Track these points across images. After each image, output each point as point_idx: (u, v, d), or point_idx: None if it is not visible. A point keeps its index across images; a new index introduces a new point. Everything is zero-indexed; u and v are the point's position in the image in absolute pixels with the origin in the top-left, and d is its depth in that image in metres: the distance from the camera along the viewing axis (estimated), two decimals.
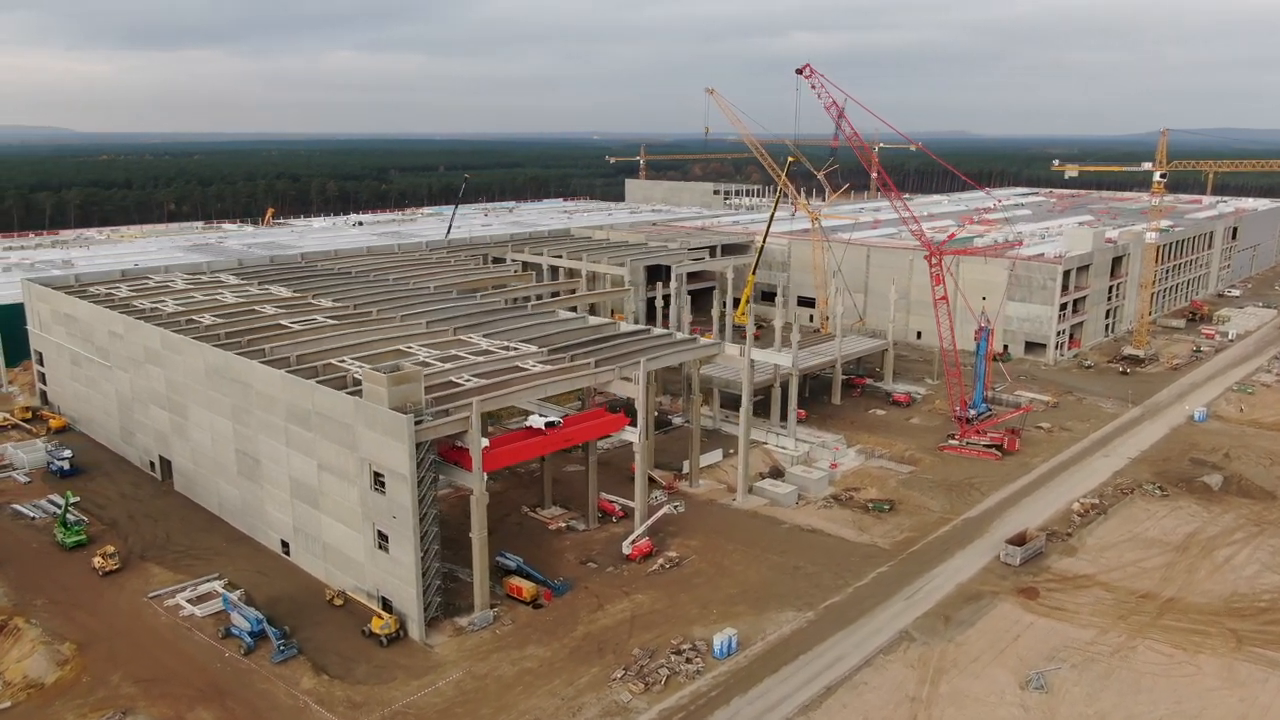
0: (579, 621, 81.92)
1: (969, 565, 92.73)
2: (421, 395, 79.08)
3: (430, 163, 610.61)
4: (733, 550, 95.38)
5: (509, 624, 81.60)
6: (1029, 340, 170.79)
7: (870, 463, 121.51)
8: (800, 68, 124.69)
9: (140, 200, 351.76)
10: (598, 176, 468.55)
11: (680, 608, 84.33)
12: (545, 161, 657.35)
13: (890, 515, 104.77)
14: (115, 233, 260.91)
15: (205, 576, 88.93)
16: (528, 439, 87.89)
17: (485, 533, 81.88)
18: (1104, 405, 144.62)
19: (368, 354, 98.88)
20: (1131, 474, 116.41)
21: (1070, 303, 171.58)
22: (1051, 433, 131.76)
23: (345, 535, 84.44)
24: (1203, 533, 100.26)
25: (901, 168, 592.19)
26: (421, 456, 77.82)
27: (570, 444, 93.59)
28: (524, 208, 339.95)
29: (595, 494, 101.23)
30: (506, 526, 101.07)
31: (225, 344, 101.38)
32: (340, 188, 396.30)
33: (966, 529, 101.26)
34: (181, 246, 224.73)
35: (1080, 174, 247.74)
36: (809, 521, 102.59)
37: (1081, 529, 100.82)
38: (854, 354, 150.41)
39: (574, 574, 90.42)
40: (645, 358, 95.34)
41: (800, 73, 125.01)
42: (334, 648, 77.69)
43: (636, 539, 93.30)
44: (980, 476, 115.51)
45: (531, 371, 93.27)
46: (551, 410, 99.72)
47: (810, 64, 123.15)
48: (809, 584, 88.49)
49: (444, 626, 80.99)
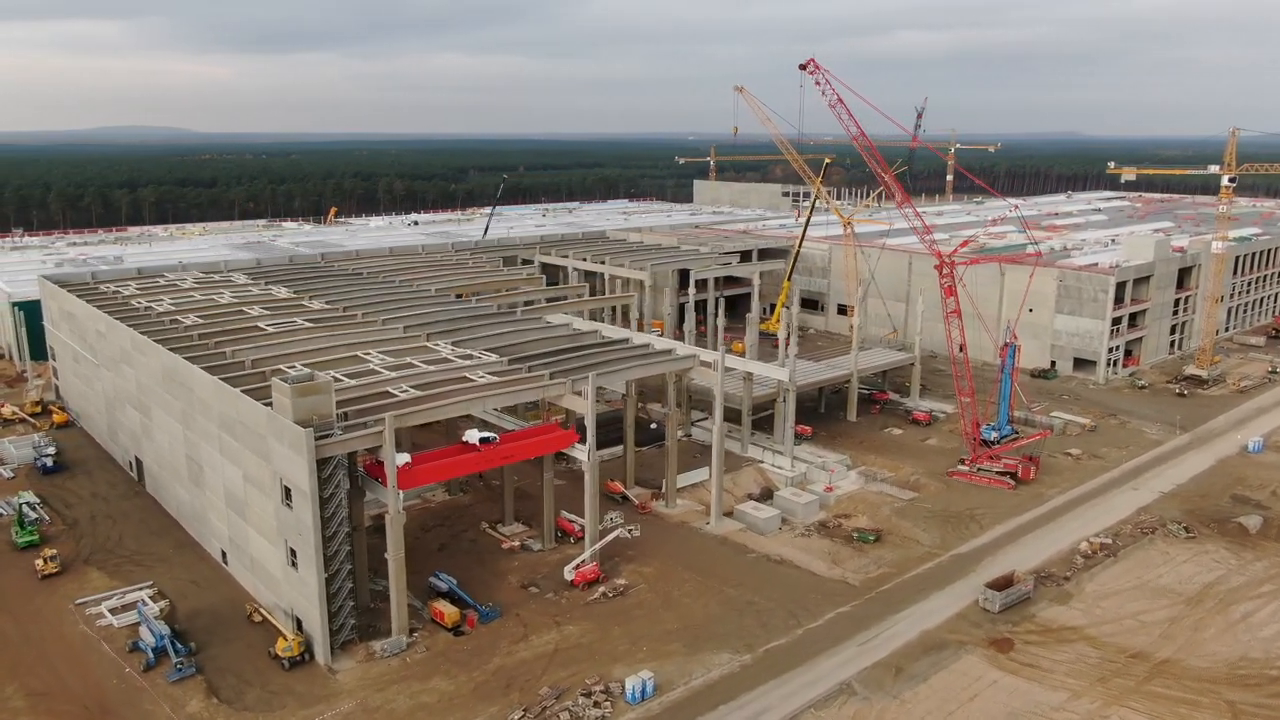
0: (497, 652, 76.81)
1: (942, 609, 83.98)
2: (331, 407, 75.16)
3: (512, 163, 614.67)
4: (687, 580, 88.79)
5: (423, 651, 77.07)
6: (1078, 356, 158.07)
7: (870, 487, 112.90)
8: (803, 63, 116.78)
9: (214, 199, 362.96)
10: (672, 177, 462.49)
11: (610, 642, 78.38)
12: (626, 162, 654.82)
13: (873, 547, 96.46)
14: (180, 230, 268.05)
15: (138, 585, 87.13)
16: (455, 456, 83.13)
17: (402, 553, 77.54)
18: (1148, 430, 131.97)
19: (323, 360, 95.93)
20: (1158, 510, 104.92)
21: (1125, 316, 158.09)
22: (1080, 460, 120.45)
23: (266, 550, 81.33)
24: (1224, 583, 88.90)
25: (992, 169, 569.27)
26: (330, 472, 73.99)
27: (509, 461, 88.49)
28: (585, 208, 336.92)
29: (552, 512, 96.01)
30: (460, 544, 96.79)
31: (194, 345, 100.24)
32: (408, 187, 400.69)
33: (952, 567, 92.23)
34: (233, 244, 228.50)
35: (1137, 177, 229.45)
36: (780, 551, 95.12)
37: (1083, 573, 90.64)
38: (872, 368, 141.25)
39: (512, 599, 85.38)
40: (595, 372, 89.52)
41: (804, 68, 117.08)
42: (236, 668, 74.48)
43: (580, 564, 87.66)
44: (985, 507, 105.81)
45: (477, 383, 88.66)
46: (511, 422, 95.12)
47: (814, 59, 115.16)
48: (757, 622, 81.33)
49: (357, 651, 76.99)
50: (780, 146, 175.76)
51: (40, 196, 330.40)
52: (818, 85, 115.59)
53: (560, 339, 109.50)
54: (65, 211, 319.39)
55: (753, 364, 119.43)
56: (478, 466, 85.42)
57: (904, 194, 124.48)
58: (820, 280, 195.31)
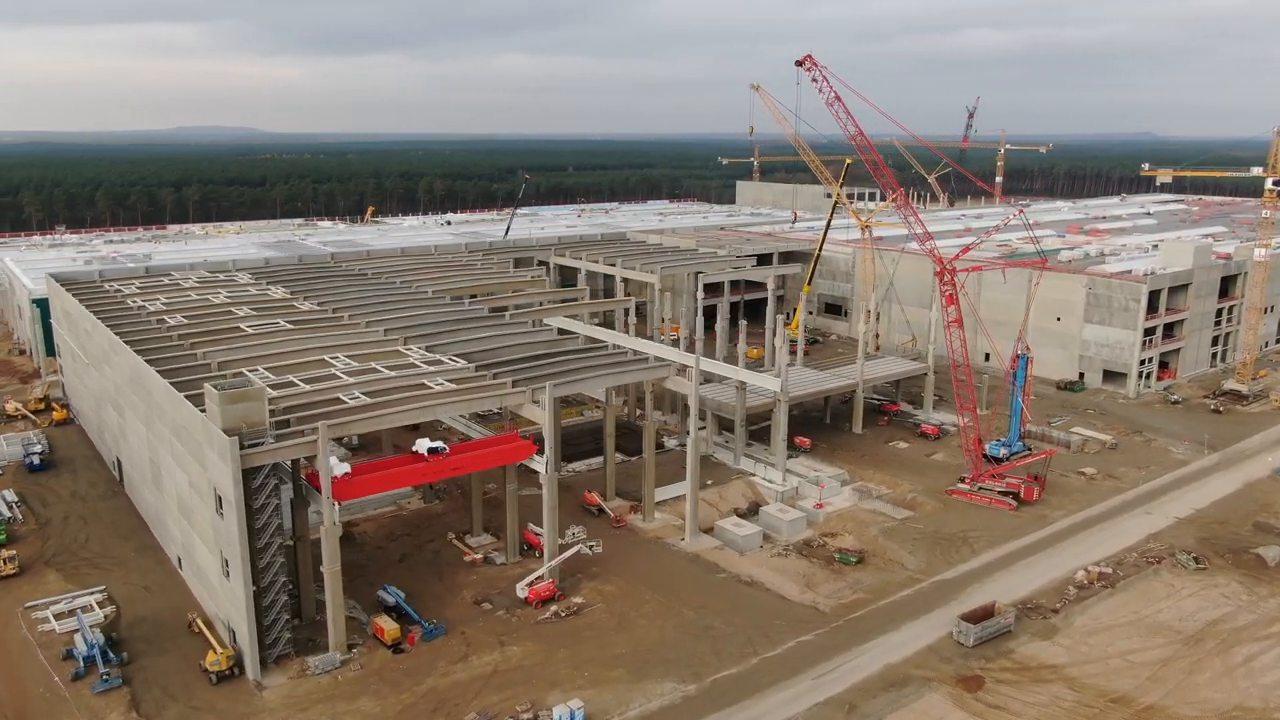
0: (433, 672, 73.68)
1: (913, 641, 78.56)
2: (264, 415, 72.74)
3: (563, 163, 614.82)
4: (648, 600, 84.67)
5: (357, 669, 74.29)
6: (1107, 368, 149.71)
7: (863, 504, 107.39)
8: (800, 59, 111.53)
9: (256, 198, 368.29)
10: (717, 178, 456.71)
11: (552, 666, 74.70)
12: (678, 162, 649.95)
13: (854, 569, 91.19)
14: (216, 229, 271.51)
15: (90, 589, 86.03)
16: (400, 466, 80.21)
17: (338, 566, 74.86)
18: (1174, 449, 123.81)
19: (287, 363, 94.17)
20: (1170, 538, 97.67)
21: (1160, 327, 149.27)
22: (1093, 480, 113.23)
23: (207, 559, 79.43)
24: (1230, 621, 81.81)
25: (1051, 170, 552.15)
26: (261, 481, 71.70)
27: (459, 473, 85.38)
28: (623, 209, 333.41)
29: (516, 525, 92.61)
30: (423, 555, 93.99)
31: (171, 346, 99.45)
32: (448, 187, 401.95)
33: (933, 594, 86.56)
34: (263, 243, 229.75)
35: (1174, 179, 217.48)
36: (752, 572, 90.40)
37: (1074, 605, 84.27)
38: (881, 377, 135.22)
39: (462, 615, 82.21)
40: (552, 381, 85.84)
41: (800, 64, 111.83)
42: (165, 681, 72.53)
43: (534, 581, 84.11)
44: (980, 529, 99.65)
45: (433, 390, 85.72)
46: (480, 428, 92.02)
47: (811, 55, 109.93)
48: (711, 649, 76.90)
49: (291, 666, 74.53)
50: (796, 147, 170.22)
51: (89, 195, 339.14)
52: (814, 82, 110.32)
53: (540, 344, 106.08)
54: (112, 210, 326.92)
55: (743, 372, 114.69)
56: (424, 478, 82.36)
57: (903, 196, 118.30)
58: (844, 285, 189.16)
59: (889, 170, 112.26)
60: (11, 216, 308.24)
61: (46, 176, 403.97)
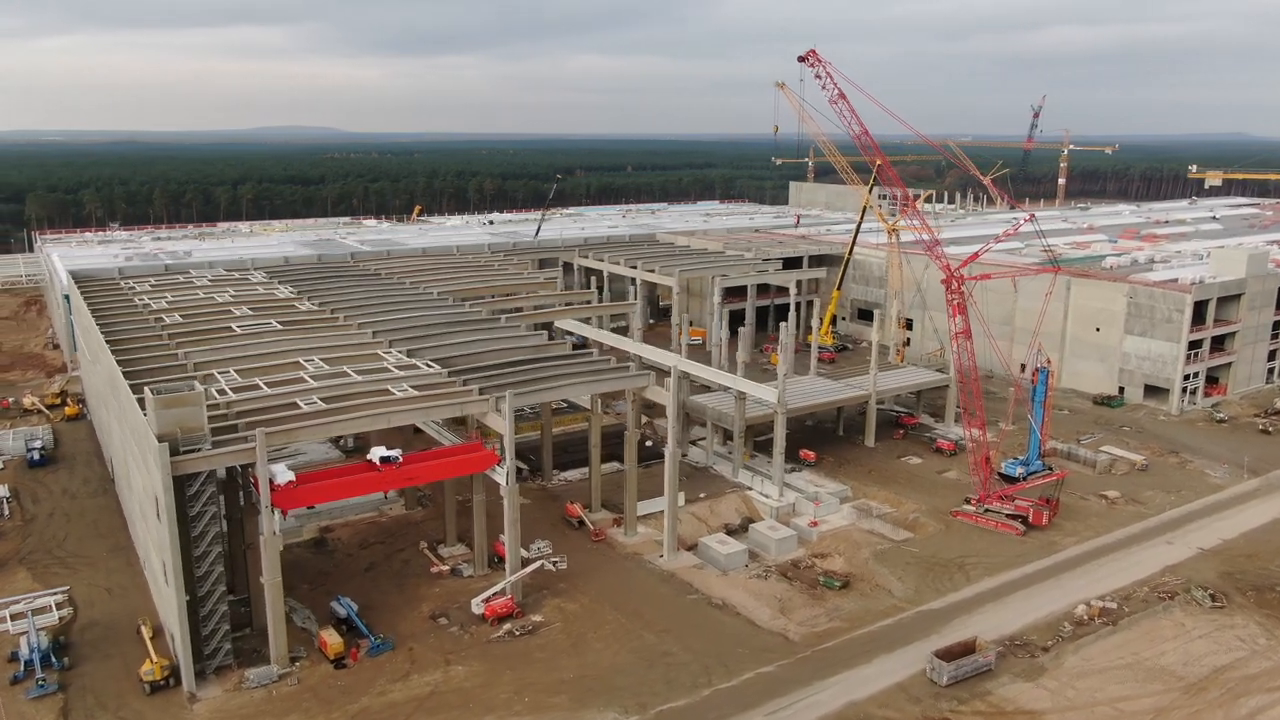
0: (369, 691, 71.03)
1: (882, 677, 73.19)
2: (202, 420, 70.88)
3: (620, 163, 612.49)
4: (609, 621, 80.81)
5: (294, 684, 72.05)
6: (1149, 383, 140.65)
7: (861, 523, 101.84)
8: (803, 55, 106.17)
9: (308, 196, 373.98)
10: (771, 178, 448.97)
11: (493, 689, 71.40)
12: (740, 162, 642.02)
13: (836, 595, 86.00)
14: (264, 226, 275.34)
15: (55, 589, 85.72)
16: (350, 475, 77.74)
17: (278, 577, 72.65)
18: (1211, 473, 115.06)
19: (260, 365, 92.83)
20: (1190, 571, 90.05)
21: (1207, 339, 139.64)
22: (1115, 504, 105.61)
23: (156, 564, 78.13)
24: (1240, 668, 74.49)
25: (1127, 171, 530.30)
26: (197, 489, 69.99)
27: (413, 483, 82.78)
28: (670, 210, 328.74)
29: (484, 536, 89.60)
30: (391, 564, 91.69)
31: (158, 345, 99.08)
32: (499, 186, 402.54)
33: (915, 625, 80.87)
34: (303, 241, 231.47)
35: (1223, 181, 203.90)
36: (726, 594, 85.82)
37: (1068, 643, 77.78)
38: (896, 389, 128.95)
39: (415, 629, 79.51)
40: (512, 391, 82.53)
41: (803, 60, 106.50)
42: (100, 688, 71.31)
43: (490, 597, 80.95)
44: (980, 555, 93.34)
45: (395, 397, 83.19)
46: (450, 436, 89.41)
47: (815, 49, 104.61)
48: (663, 678, 72.70)
49: (230, 678, 72.66)
50: (824, 149, 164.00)
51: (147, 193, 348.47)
52: (818, 79, 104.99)
53: (526, 349, 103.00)
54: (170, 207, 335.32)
55: (742, 382, 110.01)
56: (375, 488, 79.74)
57: (908, 197, 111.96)
58: (877, 290, 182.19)
59: (893, 172, 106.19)
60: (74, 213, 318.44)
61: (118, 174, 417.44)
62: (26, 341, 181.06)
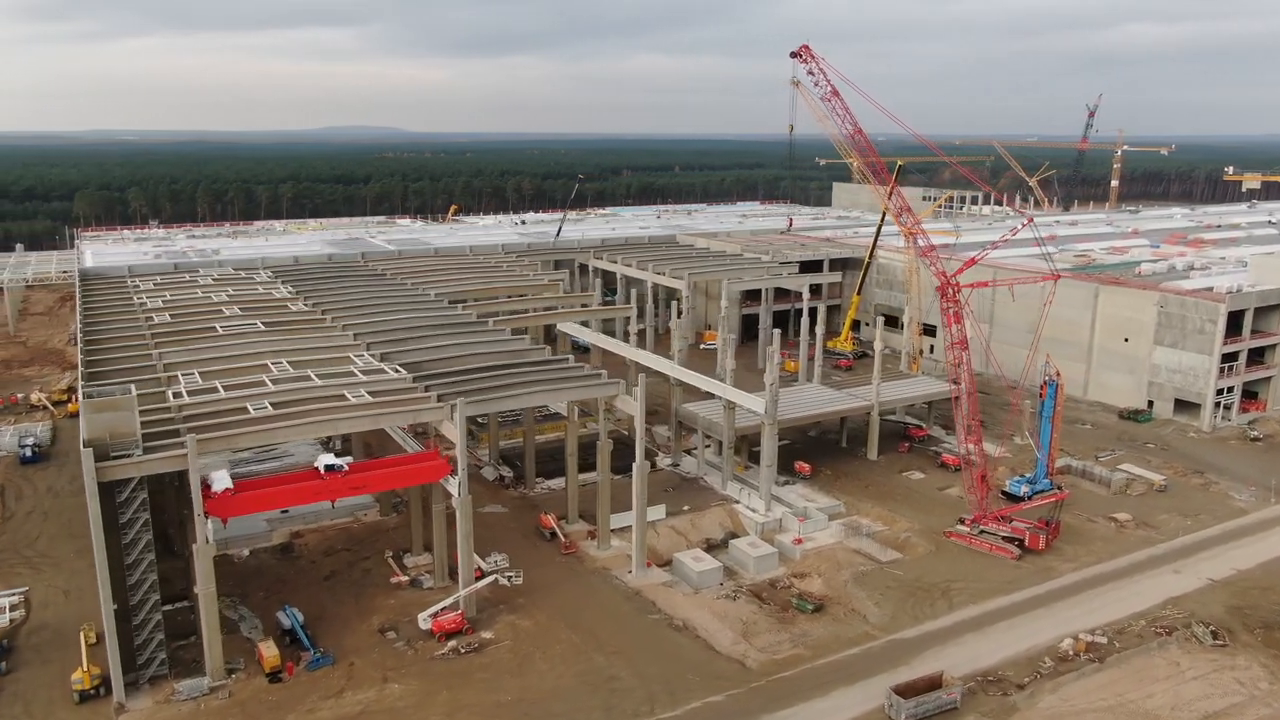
0: (298, 708, 68.71)
1: (837, 712, 68.64)
2: (134, 426, 69.36)
3: (669, 163, 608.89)
4: (561, 641, 77.44)
5: (224, 697, 70.05)
6: (1179, 397, 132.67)
7: (848, 541, 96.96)
8: (795, 50, 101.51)
9: (348, 195, 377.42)
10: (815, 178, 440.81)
11: (426, 710, 68.55)
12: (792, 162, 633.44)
13: (807, 619, 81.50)
14: (298, 225, 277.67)
15: (15, 589, 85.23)
16: (290, 484, 75.58)
17: (212, 587, 70.77)
18: (1235, 496, 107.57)
19: (227, 367, 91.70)
20: (1194, 604, 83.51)
21: (1244, 352, 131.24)
22: (1124, 528, 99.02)
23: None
24: (1236, 715, 68.31)
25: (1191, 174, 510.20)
26: (128, 495, 68.44)
27: (359, 492, 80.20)
28: (707, 210, 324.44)
29: (444, 547, 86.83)
30: (353, 573, 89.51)
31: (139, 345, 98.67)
32: (537, 186, 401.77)
33: (883, 655, 76.01)
34: (331, 240, 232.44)
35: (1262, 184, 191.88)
36: (689, 614, 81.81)
37: (1047, 680, 72.24)
38: (901, 399, 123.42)
39: (360, 643, 77.08)
40: (463, 399, 79.58)
41: (795, 55, 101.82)
42: (31, 696, 70.17)
43: (438, 611, 78.14)
44: (968, 580, 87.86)
45: (349, 403, 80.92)
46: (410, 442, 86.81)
47: (808, 44, 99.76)
48: (604, 705, 69.10)
49: (164, 688, 70.98)
50: (839, 149, 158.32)
51: (190, 191, 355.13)
52: (810, 75, 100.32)
53: (502, 354, 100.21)
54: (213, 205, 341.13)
55: (730, 390, 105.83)
56: (317, 496, 77.26)
57: (903, 198, 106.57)
58: (900, 295, 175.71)
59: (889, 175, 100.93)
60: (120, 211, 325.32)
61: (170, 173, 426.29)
62: (51, 337, 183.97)
